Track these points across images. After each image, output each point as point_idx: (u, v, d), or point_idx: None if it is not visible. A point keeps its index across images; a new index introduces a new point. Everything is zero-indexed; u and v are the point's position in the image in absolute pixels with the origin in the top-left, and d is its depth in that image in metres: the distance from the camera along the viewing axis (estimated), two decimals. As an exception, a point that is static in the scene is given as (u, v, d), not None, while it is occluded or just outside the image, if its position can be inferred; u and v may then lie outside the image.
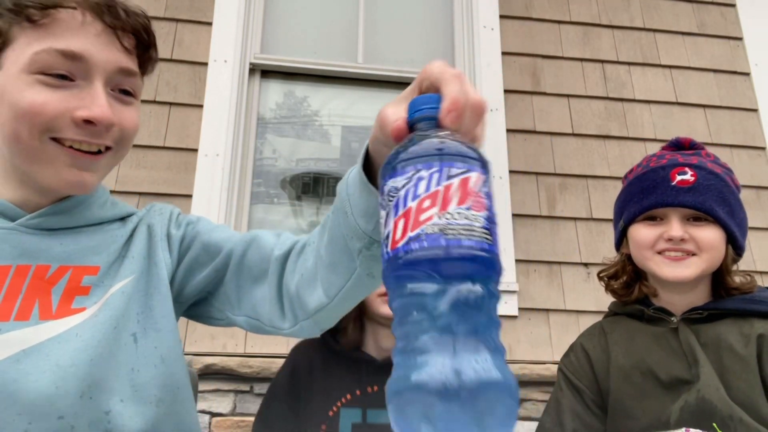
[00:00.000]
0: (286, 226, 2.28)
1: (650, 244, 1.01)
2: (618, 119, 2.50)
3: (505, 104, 2.42)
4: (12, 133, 0.64)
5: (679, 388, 0.97)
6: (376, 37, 2.58)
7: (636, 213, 1.04)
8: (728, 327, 0.99)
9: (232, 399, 1.91)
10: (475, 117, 0.47)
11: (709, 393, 0.92)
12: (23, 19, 0.64)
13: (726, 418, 0.89)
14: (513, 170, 2.34)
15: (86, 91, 0.66)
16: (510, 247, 2.22)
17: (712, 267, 1.00)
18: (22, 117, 0.63)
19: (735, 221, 1.02)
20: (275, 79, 2.45)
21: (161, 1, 2.33)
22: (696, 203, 0.98)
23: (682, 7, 2.74)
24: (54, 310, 0.65)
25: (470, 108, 0.46)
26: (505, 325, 2.14)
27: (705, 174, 1.01)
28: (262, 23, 2.48)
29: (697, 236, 0.98)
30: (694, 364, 0.97)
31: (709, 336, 0.99)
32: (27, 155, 0.66)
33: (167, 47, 2.27)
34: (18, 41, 0.65)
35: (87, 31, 0.66)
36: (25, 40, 0.64)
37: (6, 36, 0.65)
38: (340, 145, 2.44)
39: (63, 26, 0.65)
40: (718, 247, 0.99)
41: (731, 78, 2.64)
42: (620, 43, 2.63)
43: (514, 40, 2.55)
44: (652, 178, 1.04)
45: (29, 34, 0.64)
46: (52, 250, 0.69)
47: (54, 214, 0.71)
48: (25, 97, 0.63)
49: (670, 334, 1.03)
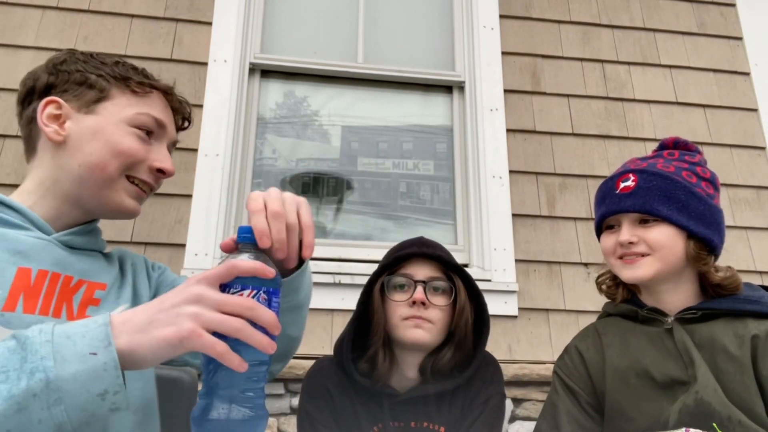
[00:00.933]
0: (286, 226, 2.28)
1: (611, 251, 1.08)
2: (618, 119, 2.50)
3: (505, 104, 2.42)
4: (100, 163, 0.83)
5: (675, 389, 0.97)
6: (376, 37, 2.58)
7: (597, 224, 1.13)
8: (722, 328, 0.99)
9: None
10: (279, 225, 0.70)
11: (708, 395, 0.92)
12: (125, 86, 0.87)
13: (725, 419, 0.89)
14: (513, 170, 2.34)
15: (159, 150, 0.90)
16: (510, 247, 2.22)
17: (670, 264, 1.03)
18: (118, 155, 0.84)
19: (689, 215, 1.02)
20: (275, 79, 2.45)
21: (161, 1, 2.34)
22: (636, 206, 1.03)
23: (682, 6, 2.74)
24: (75, 314, 0.79)
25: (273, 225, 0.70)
26: (505, 325, 2.14)
27: (646, 177, 1.05)
28: (262, 23, 2.48)
29: (646, 237, 1.03)
30: (690, 364, 0.97)
31: (703, 336, 0.99)
32: (103, 183, 0.84)
33: (167, 47, 2.27)
34: (117, 100, 0.87)
35: (166, 109, 0.92)
36: (126, 101, 0.87)
37: (106, 93, 0.86)
38: (340, 145, 2.44)
39: (154, 102, 0.90)
40: (669, 244, 1.02)
41: (731, 78, 2.64)
42: (620, 43, 2.63)
43: (514, 40, 2.55)
44: (603, 190, 1.12)
45: (129, 98, 0.87)
46: (75, 265, 0.82)
47: (80, 235, 0.86)
48: (125, 141, 0.84)
49: (664, 335, 1.03)
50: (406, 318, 1.06)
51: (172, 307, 0.58)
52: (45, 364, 0.52)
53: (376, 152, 2.45)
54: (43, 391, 0.51)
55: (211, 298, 0.58)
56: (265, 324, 0.59)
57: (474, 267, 2.23)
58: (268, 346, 0.59)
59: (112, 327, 0.57)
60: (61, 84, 0.86)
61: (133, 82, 0.88)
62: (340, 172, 2.40)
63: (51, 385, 0.51)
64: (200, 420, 0.59)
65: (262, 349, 0.59)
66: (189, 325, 0.56)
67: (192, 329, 0.55)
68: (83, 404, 0.52)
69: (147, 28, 2.29)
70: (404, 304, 1.06)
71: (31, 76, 0.88)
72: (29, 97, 0.87)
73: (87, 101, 0.86)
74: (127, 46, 2.24)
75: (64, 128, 0.84)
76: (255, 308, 0.59)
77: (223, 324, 0.57)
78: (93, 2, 2.29)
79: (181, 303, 0.58)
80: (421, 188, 2.42)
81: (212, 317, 0.57)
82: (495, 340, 2.11)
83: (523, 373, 2.05)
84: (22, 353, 0.53)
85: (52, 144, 0.84)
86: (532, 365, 2.08)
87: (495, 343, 2.10)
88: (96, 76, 0.87)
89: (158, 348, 0.56)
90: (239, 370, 0.57)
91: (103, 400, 0.53)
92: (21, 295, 0.74)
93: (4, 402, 0.50)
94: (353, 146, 2.44)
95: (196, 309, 0.57)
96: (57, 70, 0.87)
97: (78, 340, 0.54)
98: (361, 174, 2.40)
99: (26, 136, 0.89)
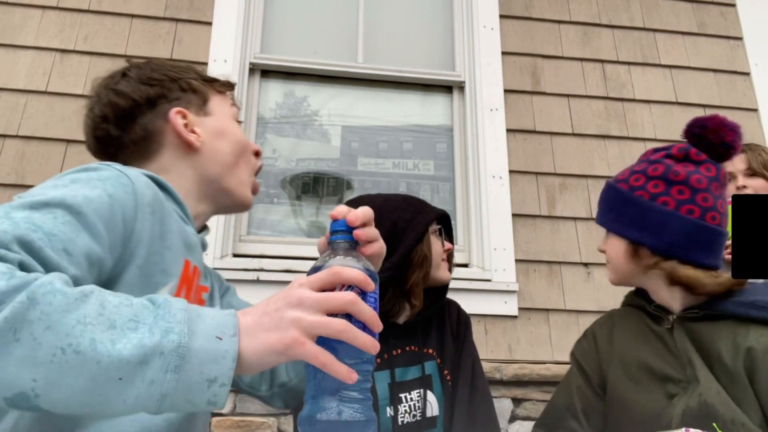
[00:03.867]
0: (286, 226, 2.28)
1: None
2: (618, 119, 2.50)
3: (505, 104, 2.42)
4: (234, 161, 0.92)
5: (668, 384, 0.98)
6: (376, 37, 2.58)
7: None
8: (723, 332, 0.96)
9: (232, 399, 1.91)
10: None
11: (711, 396, 0.91)
12: (211, 87, 0.96)
13: (728, 422, 0.88)
14: (513, 170, 2.34)
15: None
16: (510, 247, 2.22)
17: (622, 272, 1.09)
18: (243, 149, 0.94)
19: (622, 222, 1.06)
20: (275, 79, 2.45)
21: (161, 1, 2.34)
22: (597, 220, 1.13)
23: (682, 6, 2.75)
24: None
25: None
26: (505, 325, 2.14)
27: (604, 190, 1.13)
28: (262, 23, 2.48)
29: (605, 249, 1.12)
30: (689, 365, 0.96)
31: (703, 339, 0.98)
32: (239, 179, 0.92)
33: (167, 47, 2.27)
34: (213, 100, 0.95)
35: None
36: (219, 99, 0.96)
37: (206, 95, 0.94)
38: (340, 145, 2.44)
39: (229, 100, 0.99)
40: (614, 252, 1.09)
41: (731, 78, 2.64)
42: (620, 43, 2.63)
43: (514, 40, 2.55)
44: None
45: (218, 97, 0.96)
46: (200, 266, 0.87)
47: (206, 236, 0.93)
48: (241, 135, 0.95)
49: (666, 333, 1.03)
50: (443, 260, 1.27)
51: (275, 310, 0.56)
52: (180, 328, 0.51)
53: (376, 152, 2.45)
54: (171, 353, 0.50)
55: (311, 299, 0.56)
56: (366, 320, 0.58)
57: (474, 267, 2.23)
58: (371, 347, 0.57)
59: None
60: (169, 93, 0.90)
61: (218, 84, 0.98)
62: (340, 172, 2.40)
63: (179, 350, 0.50)
64: (308, 422, 0.58)
65: (366, 350, 0.57)
66: (293, 333, 0.54)
67: (295, 338, 0.54)
68: (192, 384, 0.51)
69: (147, 28, 2.29)
70: (441, 251, 1.27)
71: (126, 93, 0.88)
72: (136, 110, 0.88)
73: (198, 105, 0.92)
74: (127, 46, 2.24)
75: (197, 134, 0.89)
76: (356, 302, 0.57)
77: (326, 327, 0.55)
78: (93, 2, 2.29)
79: (284, 307, 0.56)
80: (421, 188, 2.42)
81: (314, 321, 0.55)
82: (495, 340, 2.11)
83: (523, 373, 2.05)
84: (156, 311, 0.52)
85: (184, 150, 0.89)
86: (532, 365, 2.08)
87: (495, 343, 2.10)
88: (191, 80, 0.93)
89: (263, 353, 0.55)
90: (348, 381, 0.55)
91: (208, 387, 0.51)
92: (184, 287, 0.78)
93: (134, 348, 0.49)
94: (353, 146, 2.44)
95: (298, 313, 0.55)
96: (153, 81, 0.90)
97: (208, 320, 0.54)
98: (361, 174, 2.40)
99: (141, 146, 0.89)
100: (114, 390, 0.48)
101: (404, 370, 1.20)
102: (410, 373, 1.20)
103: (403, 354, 1.21)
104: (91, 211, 0.63)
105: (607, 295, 2.21)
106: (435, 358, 1.25)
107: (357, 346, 0.56)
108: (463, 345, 1.29)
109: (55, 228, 0.59)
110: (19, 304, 0.47)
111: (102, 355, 0.47)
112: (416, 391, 1.18)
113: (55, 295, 0.49)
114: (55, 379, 0.47)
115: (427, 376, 1.21)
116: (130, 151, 0.88)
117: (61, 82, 2.15)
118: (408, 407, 1.16)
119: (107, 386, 0.48)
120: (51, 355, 0.46)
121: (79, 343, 0.47)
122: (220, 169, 0.90)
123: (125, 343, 0.49)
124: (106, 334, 0.49)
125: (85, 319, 0.49)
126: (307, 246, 2.19)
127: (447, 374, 1.24)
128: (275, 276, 2.01)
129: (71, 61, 2.19)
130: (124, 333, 0.49)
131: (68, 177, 0.68)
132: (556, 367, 2.08)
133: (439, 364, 1.24)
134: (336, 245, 0.67)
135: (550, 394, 2.06)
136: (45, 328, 0.47)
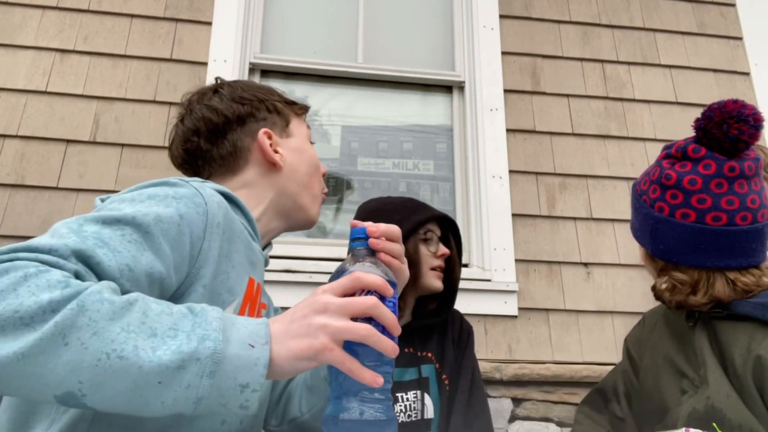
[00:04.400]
0: (286, 226, 2.29)
1: None
2: (618, 119, 2.50)
3: (505, 104, 2.42)
4: (310, 181, 0.97)
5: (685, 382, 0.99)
6: (376, 37, 2.58)
7: None
8: (741, 335, 0.92)
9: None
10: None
11: (720, 401, 0.89)
12: (290, 110, 1.00)
13: (735, 427, 0.85)
14: (513, 170, 2.34)
15: None
16: (510, 247, 2.22)
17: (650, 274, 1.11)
18: (317, 170, 1.00)
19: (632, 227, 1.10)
20: (275, 79, 2.45)
21: (161, 1, 2.33)
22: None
23: (681, 6, 2.74)
24: None
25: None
26: (505, 325, 2.14)
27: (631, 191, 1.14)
28: (262, 23, 2.48)
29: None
30: (703, 365, 0.95)
31: (722, 339, 0.95)
32: (313, 198, 0.97)
33: (167, 47, 2.27)
34: (293, 122, 1.00)
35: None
36: (297, 121, 1.01)
37: (287, 118, 0.99)
38: (340, 145, 2.44)
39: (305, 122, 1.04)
40: (641, 257, 1.11)
41: (731, 78, 2.64)
42: (620, 43, 2.63)
43: (514, 40, 2.55)
44: None
45: (297, 120, 1.01)
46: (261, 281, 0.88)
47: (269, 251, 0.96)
48: (316, 160, 1.00)
49: (690, 330, 1.03)
50: (433, 268, 1.26)
51: (303, 317, 0.59)
52: (216, 336, 0.54)
53: (376, 152, 2.45)
54: (206, 359, 0.53)
55: (336, 304, 0.59)
56: (387, 324, 0.61)
57: (474, 267, 2.23)
58: (391, 351, 0.59)
59: None
60: (257, 113, 0.95)
61: (297, 107, 1.02)
62: (340, 172, 2.40)
63: (215, 356, 0.53)
64: (332, 422, 0.60)
65: (387, 353, 0.59)
66: (322, 339, 0.57)
67: (325, 344, 0.57)
68: (225, 389, 0.54)
69: (147, 28, 2.29)
70: (432, 256, 1.25)
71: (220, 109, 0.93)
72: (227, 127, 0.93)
73: (281, 126, 0.97)
74: (127, 46, 2.24)
75: (281, 155, 0.94)
76: (378, 306, 0.60)
77: (352, 332, 0.58)
78: (93, 2, 2.29)
79: (311, 314, 0.59)
80: (421, 188, 2.42)
81: (341, 327, 0.57)
82: (495, 340, 2.11)
83: (523, 373, 2.05)
84: (194, 319, 0.55)
85: (267, 168, 0.93)
86: (532, 365, 2.08)
87: (495, 343, 2.10)
88: (276, 103, 0.98)
89: (294, 359, 0.57)
90: (373, 386, 0.58)
91: (241, 392, 0.54)
92: (247, 304, 0.80)
93: (173, 354, 0.52)
94: (353, 146, 2.44)
95: (325, 319, 0.58)
96: (244, 100, 0.95)
97: (241, 329, 0.57)
98: (361, 174, 2.40)
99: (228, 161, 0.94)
100: (153, 393, 0.52)
101: (401, 371, 1.22)
102: (407, 374, 1.21)
103: (401, 355, 1.21)
104: (159, 231, 0.67)
105: (607, 295, 2.21)
106: (433, 362, 1.25)
107: (380, 350, 0.59)
108: (464, 352, 1.30)
109: (121, 245, 0.63)
110: (69, 311, 0.51)
111: (143, 361, 0.51)
112: (413, 392, 1.19)
113: (103, 303, 0.52)
114: (100, 382, 0.50)
115: (425, 378, 1.22)
116: (217, 165, 0.93)
117: (60, 82, 2.15)
118: (404, 407, 1.18)
119: (147, 389, 0.51)
120: (96, 360, 0.50)
121: (123, 349, 0.51)
122: (297, 187, 0.95)
123: (165, 350, 0.52)
124: (148, 342, 0.52)
125: (128, 326, 0.52)
126: (307, 246, 2.19)
127: (445, 378, 1.24)
128: (275, 276, 2.01)
129: (71, 61, 2.19)
130: (164, 341, 0.53)
131: (147, 191, 0.72)
132: (556, 367, 2.08)
133: (437, 369, 1.25)
134: (356, 252, 0.70)
135: (551, 394, 2.07)
136: (92, 334, 0.51)
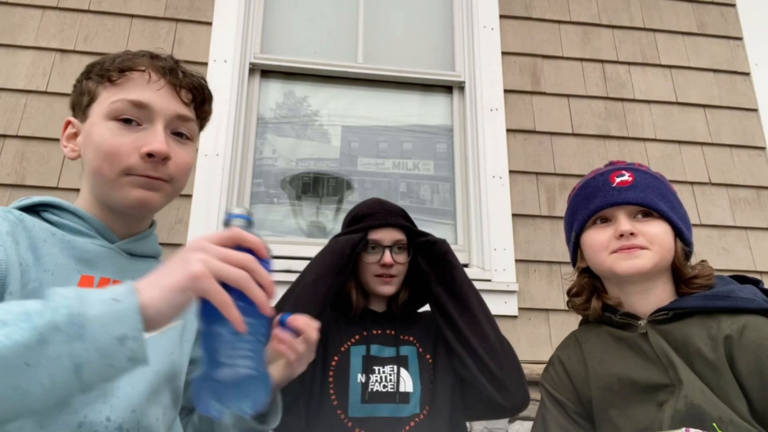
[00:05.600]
0: (286, 226, 2.28)
1: (604, 246, 1.04)
2: (618, 119, 2.50)
3: (505, 104, 2.42)
4: (97, 169, 0.80)
5: (658, 393, 0.95)
6: (376, 37, 2.58)
7: (585, 218, 1.08)
8: (695, 328, 0.96)
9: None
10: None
11: (696, 397, 0.91)
12: (106, 80, 0.83)
13: (716, 420, 0.88)
14: (513, 170, 2.34)
15: (149, 132, 0.81)
16: (510, 247, 2.22)
17: (664, 260, 1.02)
18: (105, 156, 0.80)
19: (678, 216, 1.05)
20: (275, 79, 2.45)
21: (161, 1, 2.34)
22: (638, 199, 1.02)
23: (681, 6, 2.74)
24: None
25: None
26: (505, 324, 2.14)
27: (641, 174, 1.07)
28: (262, 23, 2.48)
29: (645, 231, 1.01)
30: (671, 367, 0.95)
31: (678, 338, 0.97)
32: (107, 185, 0.81)
33: (167, 47, 2.27)
34: (101, 96, 0.83)
35: (152, 87, 0.83)
36: (106, 95, 0.82)
37: (93, 95, 0.84)
38: (340, 145, 2.44)
39: (134, 83, 0.82)
40: (667, 240, 1.02)
41: (731, 78, 2.64)
42: (620, 43, 2.63)
43: (514, 40, 2.55)
44: (593, 185, 1.09)
45: (110, 90, 0.82)
46: (135, 273, 0.81)
47: (138, 241, 0.87)
48: (105, 141, 0.80)
49: (640, 339, 1.01)
50: (377, 275, 1.29)
51: (179, 258, 0.59)
52: (69, 302, 0.53)
53: (376, 152, 2.45)
54: (66, 324, 0.51)
55: (215, 249, 0.60)
56: (262, 282, 0.61)
57: (474, 267, 2.23)
58: (266, 304, 0.60)
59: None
60: (72, 101, 0.88)
61: (112, 72, 0.83)
62: (340, 172, 2.40)
63: (74, 319, 0.52)
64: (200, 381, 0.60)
65: (260, 304, 0.60)
66: (198, 266, 0.57)
67: (201, 270, 0.57)
68: (103, 347, 0.52)
69: (147, 28, 2.29)
70: (376, 265, 1.29)
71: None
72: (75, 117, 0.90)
73: (83, 109, 0.85)
74: (127, 46, 2.24)
75: (77, 144, 0.86)
76: (255, 262, 0.61)
77: (228, 272, 0.58)
78: (93, 2, 2.29)
79: (187, 252, 0.59)
80: (421, 188, 2.42)
81: (218, 264, 0.58)
82: (495, 340, 2.11)
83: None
84: (44, 301, 0.54)
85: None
86: (532, 365, 2.08)
87: (495, 343, 2.10)
88: (86, 80, 0.86)
89: (170, 294, 0.57)
90: (239, 328, 0.58)
91: (122, 345, 0.53)
92: None
93: (27, 333, 0.50)
94: (353, 146, 2.44)
95: (203, 255, 0.59)
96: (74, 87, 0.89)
97: (102, 292, 0.56)
98: (361, 174, 2.40)
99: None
100: (27, 378, 0.50)
101: (380, 348, 1.27)
102: (385, 351, 1.27)
103: (382, 335, 1.29)
104: None
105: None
106: (415, 345, 1.30)
107: (253, 299, 0.59)
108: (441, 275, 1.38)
109: None
110: None
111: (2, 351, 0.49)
112: (390, 366, 1.24)
113: None
114: None
115: (403, 356, 1.27)
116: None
117: (61, 82, 2.15)
118: (379, 378, 1.23)
119: (19, 377, 0.49)
120: None
121: None
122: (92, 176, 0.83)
123: (20, 333, 0.50)
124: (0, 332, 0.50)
125: None
126: (307, 246, 2.19)
127: (429, 357, 1.29)
128: (276, 276, 2.00)
129: (71, 62, 2.19)
130: (17, 325, 0.51)
131: None
132: (556, 367, 2.08)
133: (419, 351, 1.29)
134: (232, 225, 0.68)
135: (550, 394, 2.06)
136: None
